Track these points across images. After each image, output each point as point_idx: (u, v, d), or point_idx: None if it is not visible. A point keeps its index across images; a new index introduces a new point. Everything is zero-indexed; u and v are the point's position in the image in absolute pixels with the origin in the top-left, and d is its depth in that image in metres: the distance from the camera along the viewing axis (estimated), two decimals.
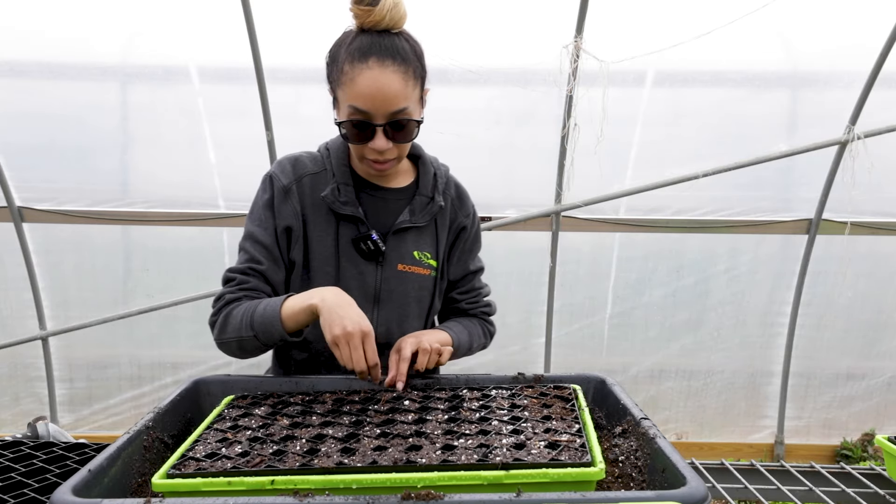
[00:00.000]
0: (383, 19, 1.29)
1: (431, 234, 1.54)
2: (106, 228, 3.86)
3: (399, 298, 1.50)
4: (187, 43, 3.46)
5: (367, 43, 1.29)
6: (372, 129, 1.32)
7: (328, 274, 1.46)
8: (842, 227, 3.80)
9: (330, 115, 1.43)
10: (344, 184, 1.46)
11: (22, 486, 1.16)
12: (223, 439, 1.07)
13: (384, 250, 1.46)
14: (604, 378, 1.36)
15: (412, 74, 1.32)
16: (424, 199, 1.51)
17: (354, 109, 1.30)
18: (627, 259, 4.01)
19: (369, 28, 1.31)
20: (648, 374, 4.18)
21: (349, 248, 1.46)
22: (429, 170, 1.54)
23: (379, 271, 1.48)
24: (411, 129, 1.35)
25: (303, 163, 1.48)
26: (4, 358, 4.00)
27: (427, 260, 1.53)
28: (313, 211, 1.46)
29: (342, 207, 1.44)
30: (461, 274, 1.62)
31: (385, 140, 1.32)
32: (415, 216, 1.50)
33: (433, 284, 1.55)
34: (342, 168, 1.47)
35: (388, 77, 1.28)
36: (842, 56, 3.50)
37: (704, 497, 0.82)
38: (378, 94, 1.28)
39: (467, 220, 1.59)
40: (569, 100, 3.40)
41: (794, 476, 1.80)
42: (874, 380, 4.18)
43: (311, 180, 1.47)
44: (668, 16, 3.33)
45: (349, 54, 1.30)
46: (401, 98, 1.30)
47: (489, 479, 0.90)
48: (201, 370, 4.01)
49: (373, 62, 1.28)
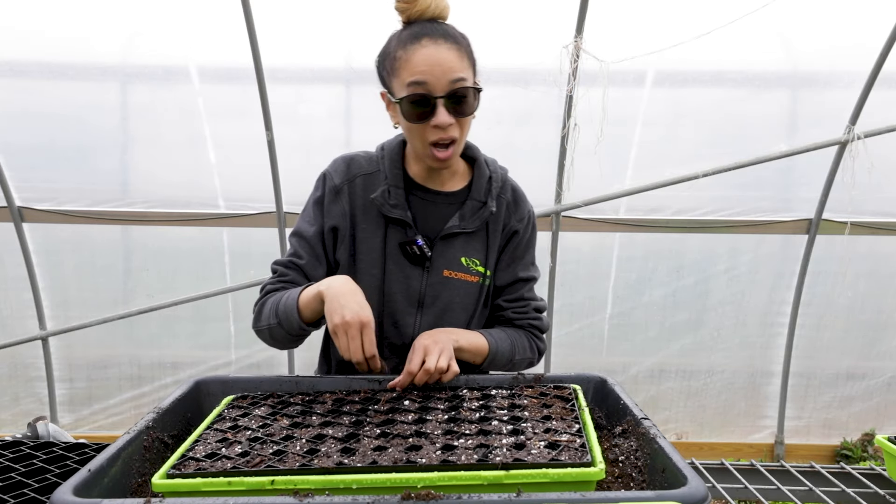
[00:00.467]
0: (428, 8, 1.31)
1: (482, 240, 1.50)
2: (106, 228, 3.86)
3: (443, 304, 1.48)
4: (187, 43, 3.46)
5: (418, 29, 1.31)
6: (433, 103, 1.30)
7: (374, 276, 1.45)
8: (842, 227, 3.80)
9: (331, 115, 1.44)
10: (395, 186, 1.44)
11: (22, 486, 1.16)
12: (223, 439, 1.07)
13: (430, 255, 1.45)
14: (604, 378, 1.36)
15: (466, 55, 1.32)
16: (476, 203, 1.48)
17: (414, 83, 1.29)
18: (627, 259, 4.01)
19: (416, 19, 1.33)
20: (648, 374, 4.18)
21: (396, 251, 1.45)
22: (484, 173, 1.50)
23: (425, 276, 1.46)
24: (471, 102, 1.33)
25: (358, 163, 1.49)
26: (4, 358, 4.00)
27: (475, 266, 1.49)
28: (363, 212, 1.45)
29: (391, 210, 1.43)
30: (509, 280, 1.55)
31: (446, 114, 1.30)
32: (464, 221, 1.46)
33: (480, 291, 1.51)
34: (395, 170, 1.46)
35: (442, 51, 1.28)
36: (842, 56, 3.50)
37: (704, 497, 0.82)
38: (436, 65, 1.28)
39: (520, 225, 1.53)
40: (569, 100, 3.40)
41: (794, 476, 1.80)
42: (874, 380, 4.18)
43: (363, 181, 1.47)
44: (668, 16, 3.33)
45: (401, 42, 1.31)
46: (458, 68, 1.29)
47: (489, 479, 0.90)
48: (201, 370, 4.01)
49: (426, 41, 1.29)
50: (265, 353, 4.06)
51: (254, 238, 3.88)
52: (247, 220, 3.81)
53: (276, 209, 3.75)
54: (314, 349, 1.61)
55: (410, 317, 1.48)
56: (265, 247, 3.86)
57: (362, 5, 3.21)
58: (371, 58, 1.42)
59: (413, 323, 1.48)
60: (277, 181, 3.68)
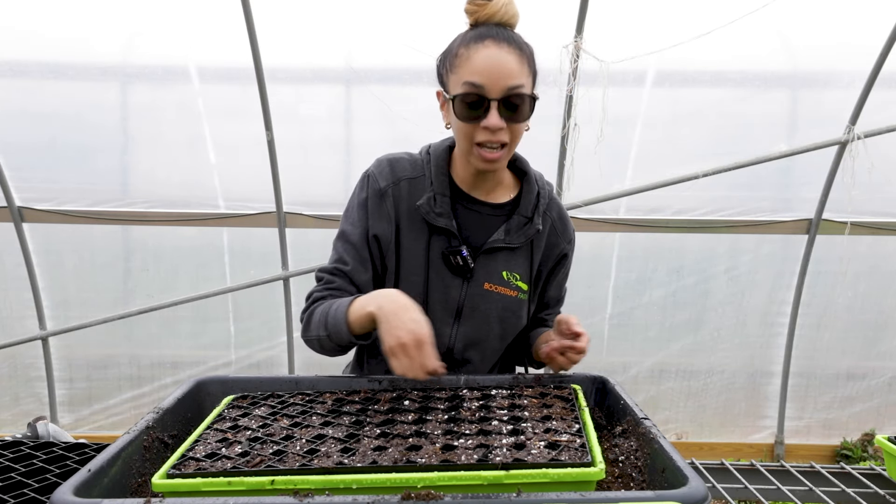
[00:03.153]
0: (497, 13, 1.31)
1: (525, 256, 1.49)
2: (106, 228, 3.86)
3: (481, 316, 1.47)
4: (187, 43, 3.46)
5: (484, 30, 1.30)
6: (486, 104, 1.28)
7: (415, 283, 1.43)
8: (842, 227, 3.80)
9: (332, 115, 1.43)
10: (441, 194, 1.42)
11: (22, 486, 1.16)
12: (223, 439, 1.07)
13: (472, 267, 1.44)
14: (604, 378, 1.36)
15: (527, 63, 1.31)
16: (522, 219, 1.46)
17: (469, 84, 1.28)
18: (627, 259, 4.01)
19: (483, 23, 1.32)
20: (648, 374, 4.18)
21: (438, 260, 1.43)
22: (532, 188, 1.49)
23: (465, 287, 1.45)
24: (526, 109, 1.32)
25: (402, 165, 1.45)
26: (4, 358, 4.01)
27: (516, 281, 1.48)
28: (408, 217, 1.43)
29: (437, 219, 1.41)
30: (556, 298, 1.60)
31: (498, 117, 1.28)
32: (510, 236, 1.45)
33: (520, 307, 1.50)
34: (441, 177, 1.43)
35: (504, 54, 1.27)
36: (842, 56, 3.50)
37: (704, 497, 0.82)
38: (494, 68, 1.26)
39: (569, 248, 1.55)
40: (569, 100, 3.40)
41: (794, 476, 1.80)
42: (874, 380, 4.18)
43: (408, 185, 1.44)
44: (668, 16, 3.33)
45: (465, 41, 1.31)
46: (516, 74, 1.28)
47: (489, 479, 0.90)
48: (201, 370, 4.01)
49: (489, 42, 1.28)
50: (265, 353, 4.06)
51: (254, 238, 3.88)
52: (247, 220, 3.81)
53: (276, 209, 3.76)
54: None
55: (447, 327, 1.46)
56: (265, 247, 3.86)
57: (362, 5, 3.21)
58: (371, 58, 1.42)
59: (449, 333, 1.47)
60: (277, 181, 3.68)
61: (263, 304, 3.97)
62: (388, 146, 1.65)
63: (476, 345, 1.49)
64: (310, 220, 3.80)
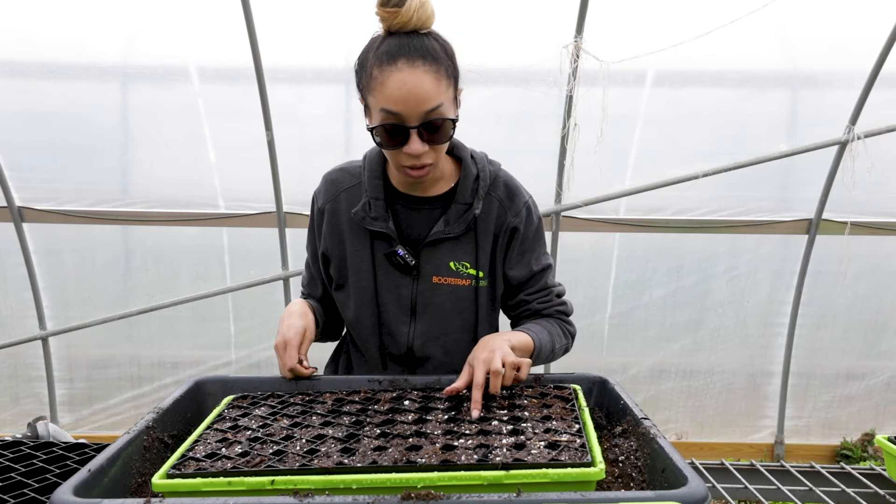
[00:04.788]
0: (410, 20, 1.24)
1: (470, 242, 1.47)
2: (106, 228, 3.86)
3: (435, 311, 1.47)
4: (187, 43, 3.46)
5: (395, 45, 1.24)
6: (406, 132, 1.26)
7: (365, 288, 1.47)
8: (842, 227, 3.79)
9: (331, 115, 1.44)
10: (374, 198, 1.44)
11: (22, 486, 1.16)
12: (223, 439, 1.07)
13: (414, 264, 1.44)
14: (604, 378, 1.36)
15: (444, 73, 1.26)
16: (461, 207, 1.44)
17: (386, 113, 1.25)
18: (627, 259, 4.01)
19: (397, 30, 1.26)
20: (648, 374, 4.18)
21: (384, 261, 1.45)
22: (470, 173, 1.46)
23: (414, 284, 1.46)
24: (447, 130, 1.29)
25: (342, 177, 1.51)
26: (4, 358, 4.00)
27: (465, 270, 1.46)
28: (350, 226, 1.47)
29: (372, 223, 1.43)
30: (526, 275, 1.51)
31: (420, 143, 1.26)
32: (449, 226, 1.44)
33: (476, 295, 1.48)
34: (374, 181, 1.45)
35: (418, 77, 1.22)
36: (842, 56, 3.50)
37: (704, 497, 0.82)
38: (410, 95, 1.22)
39: (517, 220, 1.48)
40: (569, 100, 3.40)
41: (794, 476, 1.80)
42: (874, 380, 4.18)
43: (347, 195, 1.48)
44: (668, 16, 3.33)
45: (377, 58, 1.25)
46: (433, 97, 1.24)
47: (489, 479, 0.90)
48: (201, 370, 4.01)
49: (402, 63, 1.22)
50: (265, 353, 4.06)
51: (254, 238, 3.88)
52: (247, 220, 3.81)
53: (276, 209, 3.75)
54: (312, 349, 1.61)
55: (404, 325, 1.48)
56: (265, 247, 3.86)
57: (362, 5, 3.21)
58: None
59: (407, 332, 1.49)
60: (277, 181, 3.68)
61: (263, 304, 3.97)
62: None
63: (436, 339, 1.49)
64: None
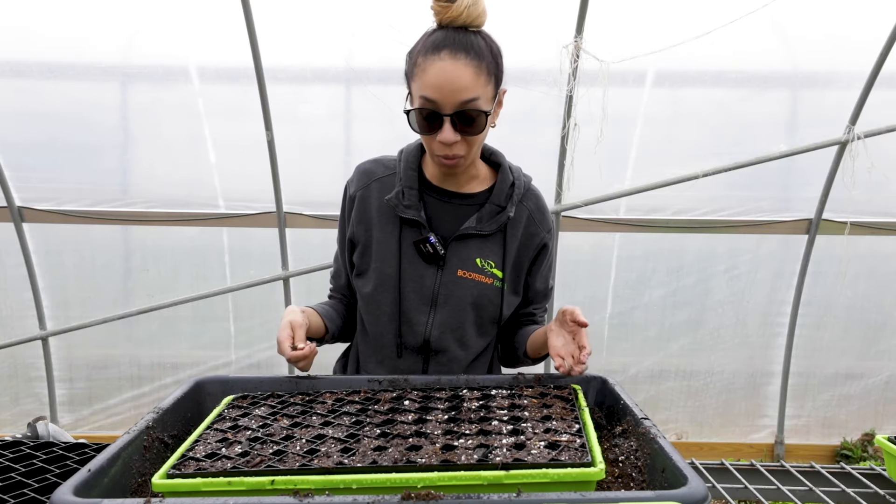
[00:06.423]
0: (461, 15, 1.30)
1: (498, 244, 1.50)
2: (106, 228, 3.86)
3: (456, 303, 1.49)
4: (187, 43, 3.46)
5: (443, 37, 1.30)
6: (440, 119, 1.31)
7: (389, 275, 1.49)
8: (842, 227, 3.80)
9: (331, 115, 1.45)
10: (408, 187, 1.47)
11: (22, 486, 1.16)
12: (223, 439, 1.07)
13: (443, 254, 1.47)
14: (604, 378, 1.36)
15: (485, 70, 1.31)
16: (495, 208, 1.49)
17: (424, 99, 1.30)
18: (627, 259, 4.01)
19: (448, 24, 1.32)
20: (648, 374, 4.18)
21: (411, 250, 1.48)
22: (507, 178, 1.51)
23: (438, 275, 1.48)
24: (480, 123, 1.33)
25: (375, 168, 1.54)
26: (4, 358, 4.01)
27: (490, 269, 1.50)
28: (379, 214, 1.50)
29: (405, 211, 1.46)
30: (543, 290, 1.61)
31: (452, 132, 1.31)
32: (481, 224, 1.48)
33: (495, 294, 1.51)
34: (409, 172, 1.49)
35: (458, 68, 1.28)
36: (842, 56, 3.50)
37: (704, 497, 0.82)
38: (447, 84, 1.27)
39: (548, 238, 1.56)
40: (569, 100, 3.40)
41: (794, 476, 1.80)
42: (874, 379, 4.18)
43: (379, 185, 1.51)
44: (668, 16, 3.33)
45: (425, 48, 1.32)
46: (470, 89, 1.29)
47: (489, 479, 0.90)
48: (201, 370, 4.01)
49: (445, 54, 1.28)
50: (265, 353, 4.07)
51: (254, 238, 3.88)
52: (247, 220, 3.81)
53: (276, 209, 3.76)
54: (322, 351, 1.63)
55: (423, 315, 1.50)
56: (265, 247, 3.86)
57: (362, 5, 3.21)
58: (371, 58, 1.43)
59: (426, 321, 1.50)
60: (277, 181, 3.68)
61: (263, 304, 3.98)
62: (387, 146, 1.66)
63: (453, 331, 1.51)
64: (310, 220, 3.80)
